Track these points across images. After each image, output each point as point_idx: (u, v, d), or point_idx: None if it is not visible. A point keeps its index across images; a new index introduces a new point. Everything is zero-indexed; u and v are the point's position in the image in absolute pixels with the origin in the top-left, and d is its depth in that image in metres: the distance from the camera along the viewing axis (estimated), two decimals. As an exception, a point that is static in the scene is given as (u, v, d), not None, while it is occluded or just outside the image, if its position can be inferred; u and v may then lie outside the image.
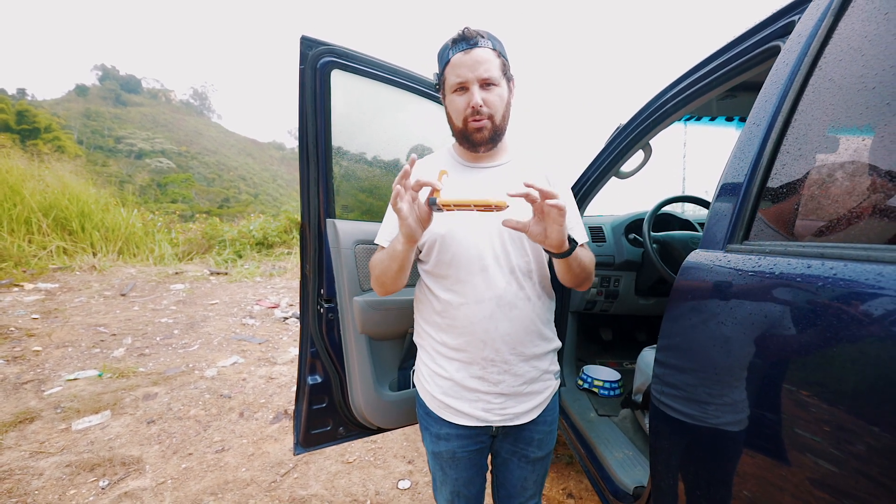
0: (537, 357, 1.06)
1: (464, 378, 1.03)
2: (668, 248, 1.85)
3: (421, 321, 1.12)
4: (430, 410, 1.09)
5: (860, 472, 0.50)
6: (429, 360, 1.09)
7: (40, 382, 3.09)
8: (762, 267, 0.68)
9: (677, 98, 1.28)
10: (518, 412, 1.05)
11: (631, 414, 1.87)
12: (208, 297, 5.88)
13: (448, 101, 1.01)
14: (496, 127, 0.99)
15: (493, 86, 0.96)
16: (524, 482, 1.15)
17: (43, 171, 8.16)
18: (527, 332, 1.03)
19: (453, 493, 1.13)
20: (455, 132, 1.04)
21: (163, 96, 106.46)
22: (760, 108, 0.82)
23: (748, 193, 0.79)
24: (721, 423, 0.73)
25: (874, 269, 0.51)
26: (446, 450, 1.08)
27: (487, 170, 1.06)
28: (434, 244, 1.01)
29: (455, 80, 0.96)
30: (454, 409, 1.05)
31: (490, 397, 1.03)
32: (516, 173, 1.06)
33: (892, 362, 0.47)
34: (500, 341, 1.00)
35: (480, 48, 0.93)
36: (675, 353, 0.86)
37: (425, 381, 1.10)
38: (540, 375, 1.07)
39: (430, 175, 0.86)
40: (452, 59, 0.95)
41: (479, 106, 0.95)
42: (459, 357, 1.03)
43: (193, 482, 2.07)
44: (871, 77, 0.62)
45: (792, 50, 0.79)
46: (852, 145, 0.66)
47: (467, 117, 0.97)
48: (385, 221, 1.09)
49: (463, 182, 1.05)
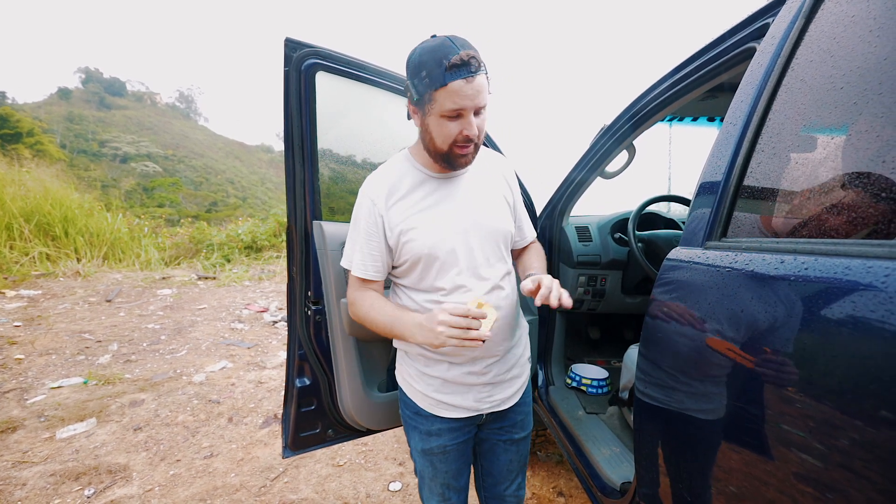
0: (515, 345, 1.13)
1: (455, 375, 1.06)
2: (653, 247, 1.88)
3: None
4: (420, 409, 1.10)
5: (838, 463, 0.51)
6: (415, 363, 1.10)
7: (23, 391, 3.03)
8: (738, 263, 0.70)
9: (659, 99, 1.30)
10: (504, 397, 1.11)
11: (618, 411, 1.89)
12: (196, 301, 5.81)
13: (433, 122, 0.93)
14: (477, 150, 0.99)
15: (482, 109, 0.93)
16: (510, 465, 1.21)
17: (24, 175, 8.00)
18: (509, 325, 1.09)
19: (444, 486, 1.15)
20: (433, 151, 0.98)
21: (148, 99, 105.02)
22: (736, 109, 0.84)
23: (725, 191, 0.81)
24: (701, 417, 0.75)
25: (842, 264, 0.53)
26: (437, 445, 1.10)
27: (452, 179, 1.05)
28: (418, 262, 1.01)
29: (452, 108, 0.89)
30: (447, 404, 1.07)
31: (479, 387, 1.07)
32: (477, 178, 1.08)
33: (863, 353, 0.48)
34: (489, 342, 1.03)
35: (480, 76, 0.89)
36: (656, 349, 0.88)
37: (414, 382, 1.10)
38: (517, 361, 1.14)
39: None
40: (450, 84, 0.87)
41: (475, 136, 0.93)
42: (449, 359, 1.05)
43: (182, 489, 2.05)
44: (840, 77, 0.64)
45: (766, 51, 0.81)
46: (824, 143, 0.68)
47: (456, 142, 0.94)
48: (356, 246, 1.05)
49: (433, 195, 1.03)
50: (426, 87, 0.90)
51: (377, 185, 1.03)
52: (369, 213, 1.02)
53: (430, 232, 1.00)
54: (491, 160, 1.13)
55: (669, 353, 0.84)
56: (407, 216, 1.01)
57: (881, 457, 0.47)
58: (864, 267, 0.50)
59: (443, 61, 0.86)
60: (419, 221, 1.00)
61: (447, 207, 1.02)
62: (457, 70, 0.86)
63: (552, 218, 1.97)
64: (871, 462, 0.48)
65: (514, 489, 1.24)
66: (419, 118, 0.97)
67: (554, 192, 1.93)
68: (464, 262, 1.01)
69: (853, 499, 0.50)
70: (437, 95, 0.89)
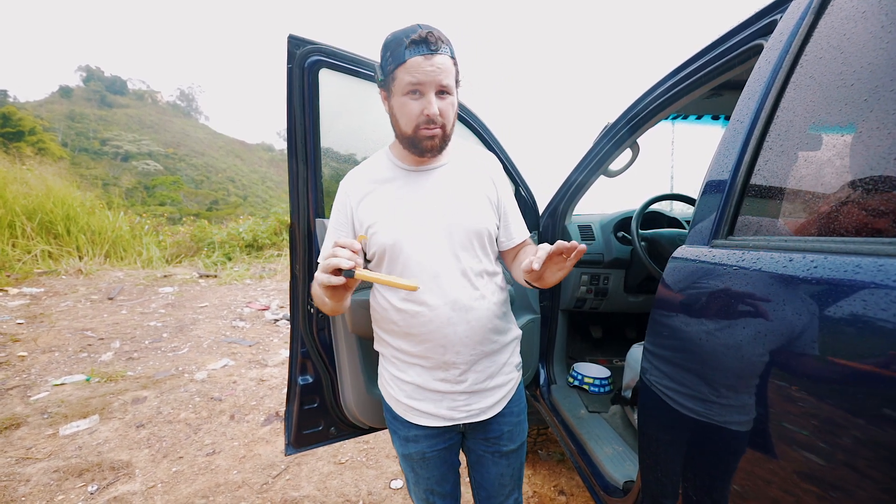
0: (496, 352, 1.07)
1: (426, 381, 1.02)
2: (657, 246, 1.87)
3: (378, 329, 1.10)
4: (396, 414, 1.09)
5: (846, 463, 0.51)
6: (390, 366, 1.08)
7: (26, 388, 3.04)
8: (746, 261, 0.69)
9: (664, 97, 1.30)
10: (483, 407, 1.06)
11: (620, 410, 1.89)
12: (197, 299, 5.82)
13: (397, 103, 0.94)
14: (446, 135, 0.98)
15: (447, 94, 0.93)
16: (501, 478, 1.15)
17: (26, 174, 8.02)
18: (485, 330, 1.02)
19: (427, 492, 1.13)
20: (401, 136, 0.99)
21: (149, 97, 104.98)
22: (744, 106, 0.83)
23: (732, 189, 0.80)
24: (708, 416, 0.74)
25: (853, 262, 0.53)
26: (416, 451, 1.08)
27: (430, 172, 1.04)
28: (384, 255, 1.00)
29: (410, 81, 0.90)
30: (419, 411, 1.04)
31: (454, 395, 1.03)
32: (457, 174, 1.05)
33: (875, 352, 0.48)
34: (459, 344, 0.99)
35: (441, 55, 0.90)
36: (662, 348, 0.88)
37: (388, 386, 1.09)
38: (500, 369, 1.08)
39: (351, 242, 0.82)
40: (409, 60, 0.88)
41: (435, 115, 0.92)
42: (420, 363, 1.02)
43: (184, 485, 2.05)
44: (851, 74, 0.63)
45: (774, 48, 0.80)
46: (833, 142, 0.68)
47: (420, 125, 0.94)
48: (328, 238, 1.06)
49: (404, 188, 1.02)
50: (389, 67, 0.92)
51: (354, 178, 1.07)
52: (342, 205, 1.05)
53: (396, 224, 0.99)
54: (478, 159, 1.10)
55: (676, 351, 0.83)
56: (375, 209, 1.01)
57: (893, 459, 0.46)
58: (876, 265, 0.50)
59: (403, 40, 0.89)
60: (386, 213, 1.00)
61: (416, 200, 1.01)
62: (415, 46, 0.88)
63: (555, 217, 1.96)
64: (883, 463, 0.47)
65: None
66: (387, 103, 0.98)
67: (556, 190, 1.93)
68: (431, 257, 0.98)
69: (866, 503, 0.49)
70: (398, 73, 0.91)
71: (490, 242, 1.05)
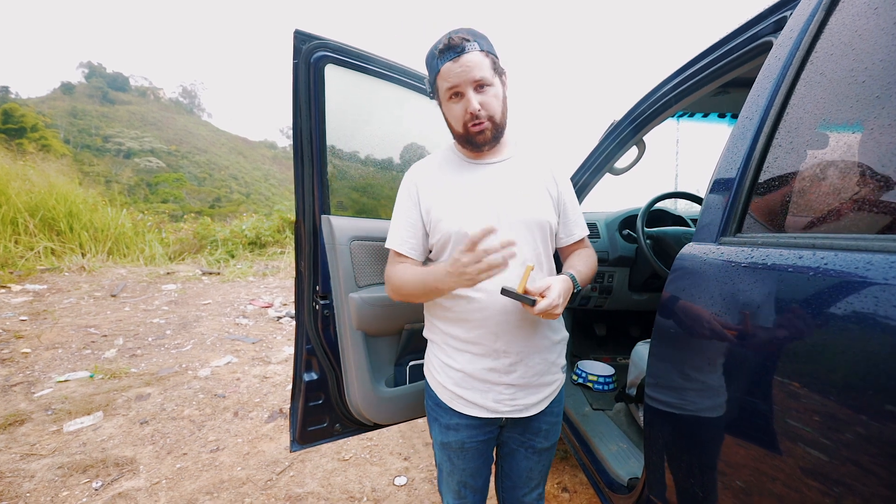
0: (547, 348, 1.08)
1: (476, 370, 1.04)
2: (662, 244, 1.87)
3: (430, 315, 1.13)
4: (440, 401, 1.10)
5: (849, 460, 0.51)
6: (439, 352, 1.10)
7: (30, 384, 3.05)
8: (754, 258, 0.69)
9: (670, 94, 1.29)
10: (528, 403, 1.06)
11: (625, 407, 1.89)
12: (201, 297, 5.83)
13: (445, 109, 1.02)
14: (496, 126, 1.01)
15: (486, 86, 0.97)
16: (529, 472, 1.17)
17: (28, 170, 8.03)
18: (538, 322, 1.04)
19: (460, 484, 1.14)
20: (456, 136, 1.06)
21: (151, 94, 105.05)
22: (753, 104, 0.83)
23: (741, 187, 0.80)
24: (713, 414, 0.74)
25: (864, 259, 0.53)
26: (455, 440, 1.09)
27: (491, 166, 1.08)
28: (448, 241, 1.03)
29: (447, 87, 0.97)
30: (466, 400, 1.06)
31: (501, 388, 1.04)
32: (520, 168, 1.08)
33: (886, 349, 0.48)
34: (512, 333, 1.01)
35: (468, 53, 0.94)
36: (668, 346, 0.87)
37: (436, 373, 1.10)
38: (549, 367, 1.09)
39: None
40: (441, 69, 0.96)
41: (477, 111, 0.96)
42: (471, 349, 1.04)
43: (188, 482, 2.06)
44: (862, 71, 0.63)
45: (783, 45, 0.80)
46: (843, 139, 0.67)
47: (467, 122, 0.99)
48: (396, 224, 1.09)
49: (469, 179, 1.06)
50: (431, 80, 1.02)
51: (418, 169, 1.12)
52: (408, 191, 1.09)
53: (461, 211, 1.02)
54: (542, 155, 1.14)
55: (682, 349, 0.83)
56: (440, 196, 1.05)
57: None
58: (887, 262, 0.50)
59: (435, 52, 0.97)
60: (451, 203, 1.04)
61: (479, 191, 1.04)
62: (443, 54, 0.95)
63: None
64: (889, 461, 0.47)
65: (533, 498, 1.21)
66: (441, 111, 1.06)
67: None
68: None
69: (872, 501, 0.49)
70: (438, 82, 1.00)
71: (550, 236, 1.08)
